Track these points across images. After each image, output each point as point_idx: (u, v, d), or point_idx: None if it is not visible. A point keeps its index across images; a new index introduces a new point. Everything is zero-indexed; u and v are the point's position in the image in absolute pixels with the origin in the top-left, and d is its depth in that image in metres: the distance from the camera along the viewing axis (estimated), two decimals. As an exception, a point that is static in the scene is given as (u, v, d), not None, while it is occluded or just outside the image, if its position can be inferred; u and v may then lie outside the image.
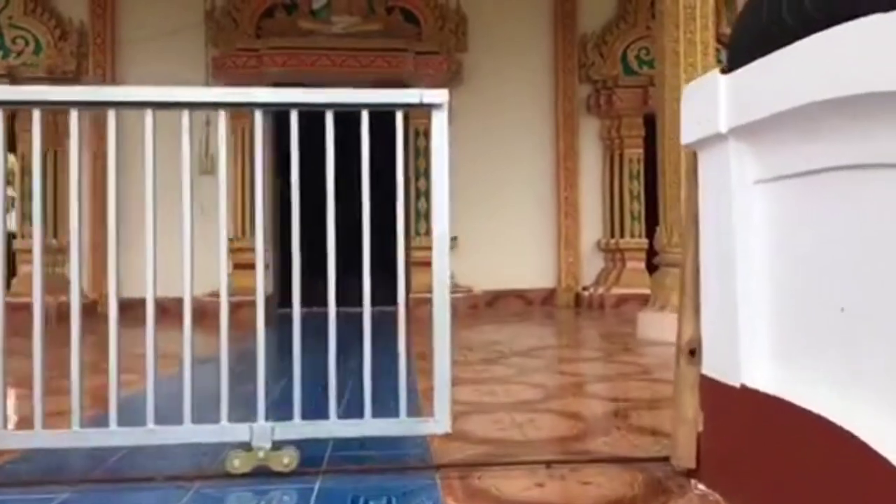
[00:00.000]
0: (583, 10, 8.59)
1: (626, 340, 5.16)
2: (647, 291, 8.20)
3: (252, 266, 2.23)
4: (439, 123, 2.13)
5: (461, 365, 3.96)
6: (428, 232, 8.16)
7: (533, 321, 6.99)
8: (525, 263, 8.54)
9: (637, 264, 8.33)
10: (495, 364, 4.20)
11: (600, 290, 8.15)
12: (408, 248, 8.66)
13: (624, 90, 8.31)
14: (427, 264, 8.12)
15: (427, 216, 8.19)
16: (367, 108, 2.14)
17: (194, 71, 8.22)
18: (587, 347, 5.10)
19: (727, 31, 4.98)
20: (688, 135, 1.93)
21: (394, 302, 2.28)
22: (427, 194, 8.21)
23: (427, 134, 8.54)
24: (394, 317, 2.20)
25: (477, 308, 8.07)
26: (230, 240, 8.51)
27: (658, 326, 5.01)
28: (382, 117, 2.18)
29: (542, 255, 8.56)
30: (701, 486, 1.91)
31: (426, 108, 2.13)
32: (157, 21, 8.21)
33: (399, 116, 2.17)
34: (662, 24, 5.22)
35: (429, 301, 7.92)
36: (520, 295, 8.50)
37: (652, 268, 8.34)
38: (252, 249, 7.46)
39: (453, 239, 8.88)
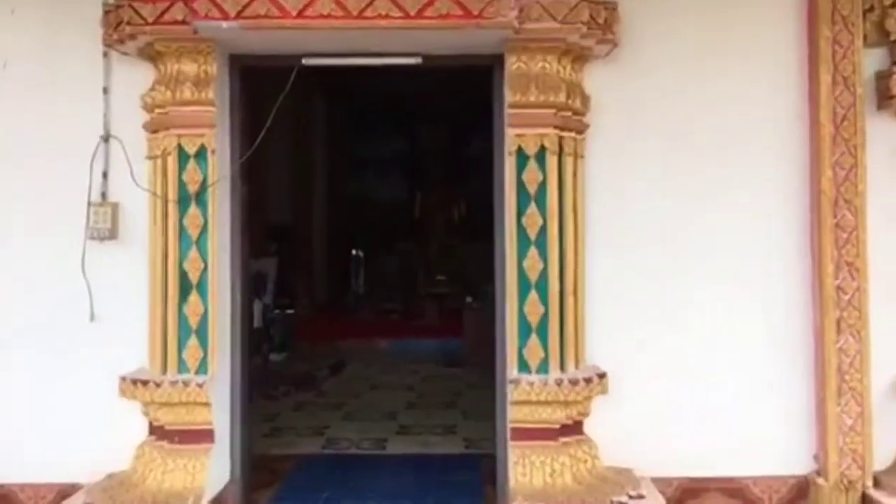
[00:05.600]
0: None
1: None
2: None
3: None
4: None
5: None
6: (547, 367, 3.90)
7: None
8: (746, 424, 4.12)
9: None
10: None
11: (934, 507, 3.66)
12: (503, 401, 4.16)
13: (967, 59, 3.82)
14: (541, 436, 3.00)
15: (542, 331, 3.85)
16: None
17: (84, 36, 4.17)
18: None
19: None
20: None
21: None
22: (544, 277, 3.89)
23: (544, 160, 3.96)
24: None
25: (651, 536, 3.72)
26: (145, 383, 3.76)
27: None
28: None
29: (780, 405, 4.13)
30: None
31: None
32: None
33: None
34: None
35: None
36: (735, 491, 4.08)
37: None
38: (190, 403, 3.40)
39: (602, 376, 3.42)
